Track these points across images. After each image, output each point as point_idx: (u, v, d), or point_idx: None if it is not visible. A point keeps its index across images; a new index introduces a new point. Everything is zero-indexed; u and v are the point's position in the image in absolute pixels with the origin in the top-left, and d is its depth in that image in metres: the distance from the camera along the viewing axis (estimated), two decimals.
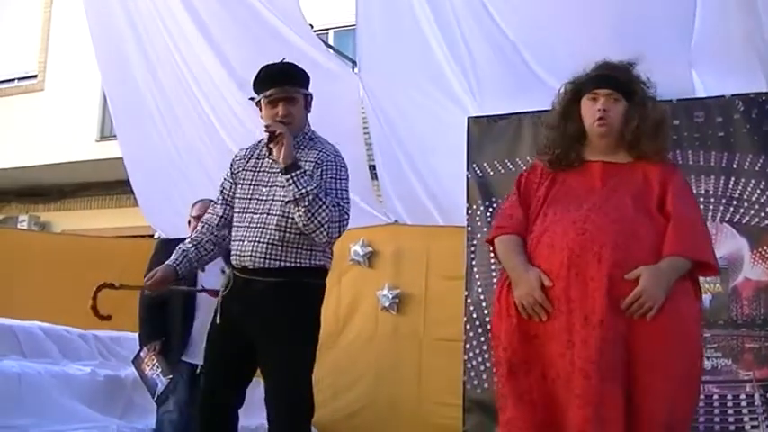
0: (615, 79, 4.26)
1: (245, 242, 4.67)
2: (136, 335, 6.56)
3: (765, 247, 6.18)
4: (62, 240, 12.26)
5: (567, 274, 3.88)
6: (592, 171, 4.21)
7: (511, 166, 7.02)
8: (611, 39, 6.68)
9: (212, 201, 5.35)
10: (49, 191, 16.77)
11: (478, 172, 7.16)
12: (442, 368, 7.47)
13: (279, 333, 4.60)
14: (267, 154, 4.82)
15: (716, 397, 6.10)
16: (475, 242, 7.05)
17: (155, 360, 6.26)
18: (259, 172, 4.83)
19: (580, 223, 3.96)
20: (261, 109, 4.82)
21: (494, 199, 7.02)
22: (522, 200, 4.32)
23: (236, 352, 4.73)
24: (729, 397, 6.08)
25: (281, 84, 4.77)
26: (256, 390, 4.82)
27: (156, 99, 8.93)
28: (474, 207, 7.13)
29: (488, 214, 7.02)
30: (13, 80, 17.28)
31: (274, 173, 4.73)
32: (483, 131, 7.23)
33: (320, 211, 4.50)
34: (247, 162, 4.91)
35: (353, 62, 9.40)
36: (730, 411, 6.06)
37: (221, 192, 5.01)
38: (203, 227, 4.99)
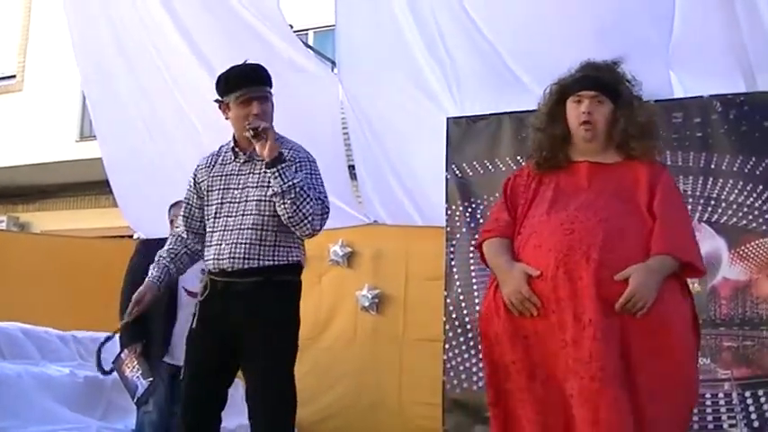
0: (600, 80, 4.25)
1: (223, 245, 4.65)
2: (116, 336, 6.55)
3: (743, 247, 6.21)
4: (42, 241, 12.23)
5: (555, 274, 3.85)
6: (579, 171, 4.19)
7: (490, 167, 7.05)
8: (589, 40, 6.70)
9: None
10: (29, 191, 16.70)
11: (458, 172, 7.18)
12: (422, 368, 7.49)
13: (262, 332, 4.58)
14: (233, 158, 4.83)
15: None
16: (454, 243, 7.08)
17: (135, 362, 6.24)
18: (227, 176, 4.81)
19: (567, 224, 3.94)
20: (227, 110, 4.80)
21: (473, 200, 7.05)
22: (508, 203, 4.30)
23: (217, 357, 4.70)
24: (708, 396, 6.11)
25: (255, 83, 4.77)
26: (237, 390, 4.82)
27: (135, 99, 8.90)
28: (453, 207, 7.15)
29: (467, 215, 7.05)
30: None
31: (244, 175, 4.75)
32: (462, 132, 7.25)
33: (305, 203, 4.51)
34: (212, 169, 4.89)
35: (333, 63, 9.40)
36: (709, 410, 6.09)
37: (186, 204, 5.00)
38: (176, 239, 4.97)
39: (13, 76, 16.83)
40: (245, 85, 4.73)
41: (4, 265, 9.47)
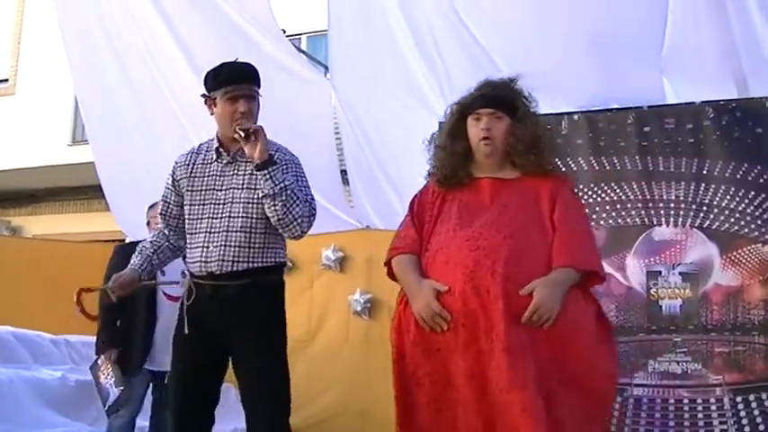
0: (497, 98, 4.36)
1: (210, 248, 4.60)
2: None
3: (735, 253, 6.21)
4: (34, 245, 12.23)
5: (463, 289, 3.96)
6: (481, 188, 4.31)
7: None
8: (583, 47, 6.72)
9: None
10: (21, 195, 16.70)
11: None
12: None
13: (254, 333, 4.56)
14: (215, 157, 4.77)
15: (686, 401, 6.13)
16: None
17: (110, 369, 6.18)
18: (208, 176, 4.75)
19: (473, 240, 4.06)
20: (213, 105, 4.73)
21: None
22: (415, 221, 4.41)
23: (206, 359, 4.66)
24: (699, 401, 6.11)
25: (245, 81, 4.72)
26: (230, 393, 4.80)
27: (128, 104, 8.90)
28: None
29: None
30: None
31: (227, 176, 4.70)
32: None
33: (295, 205, 4.50)
34: (191, 168, 4.82)
35: (326, 68, 9.40)
36: (700, 416, 6.09)
37: (164, 202, 4.93)
38: (159, 233, 4.94)
39: (6, 80, 16.82)
40: (233, 81, 4.68)
41: None
